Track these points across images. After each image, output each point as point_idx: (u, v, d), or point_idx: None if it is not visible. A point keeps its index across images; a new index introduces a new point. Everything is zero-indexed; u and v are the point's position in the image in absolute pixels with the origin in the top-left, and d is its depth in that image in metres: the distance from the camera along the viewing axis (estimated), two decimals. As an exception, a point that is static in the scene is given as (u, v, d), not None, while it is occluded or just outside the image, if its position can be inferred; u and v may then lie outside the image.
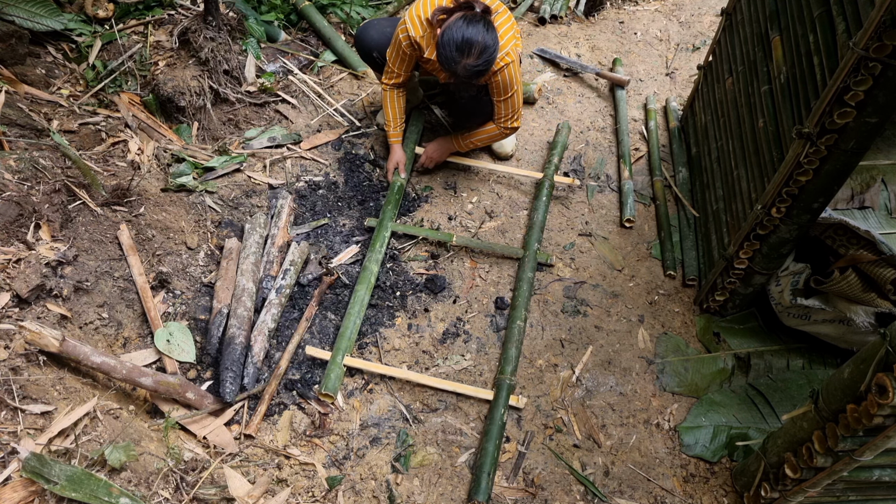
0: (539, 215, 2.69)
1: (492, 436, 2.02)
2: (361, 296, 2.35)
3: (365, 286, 2.37)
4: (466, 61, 2.20)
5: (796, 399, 2.18)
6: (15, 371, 1.73)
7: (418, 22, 2.40)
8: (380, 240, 2.53)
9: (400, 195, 2.71)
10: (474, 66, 2.22)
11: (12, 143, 2.29)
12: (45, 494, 1.54)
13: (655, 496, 2.02)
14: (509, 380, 2.17)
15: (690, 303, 2.52)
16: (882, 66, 1.46)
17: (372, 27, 2.76)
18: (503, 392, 2.13)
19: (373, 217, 2.68)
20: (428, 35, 2.41)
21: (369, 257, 2.46)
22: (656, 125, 3.15)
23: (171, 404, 2.02)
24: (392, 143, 2.77)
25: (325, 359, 2.20)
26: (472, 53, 2.19)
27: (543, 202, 2.74)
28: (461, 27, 2.18)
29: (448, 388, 2.18)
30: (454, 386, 2.18)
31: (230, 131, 2.94)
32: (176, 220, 2.48)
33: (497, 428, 2.05)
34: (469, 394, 2.17)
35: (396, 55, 2.53)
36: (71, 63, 2.85)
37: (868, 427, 1.37)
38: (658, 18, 3.91)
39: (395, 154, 2.77)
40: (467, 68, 2.22)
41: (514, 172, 2.90)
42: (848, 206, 2.45)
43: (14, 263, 1.96)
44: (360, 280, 2.39)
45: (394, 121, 2.73)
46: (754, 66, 2.21)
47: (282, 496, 1.85)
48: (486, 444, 2.01)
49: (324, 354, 2.21)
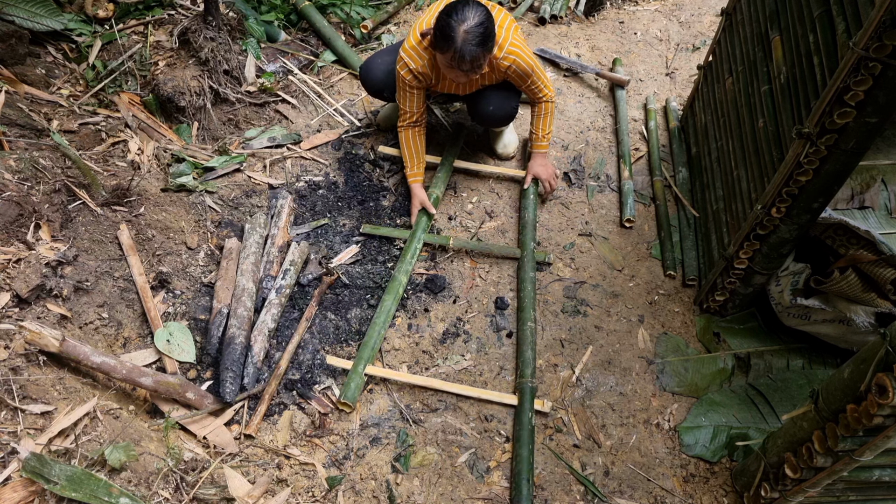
0: (529, 214, 2.68)
1: (524, 441, 2.02)
2: (388, 307, 2.33)
3: (392, 297, 2.35)
4: (465, 26, 2.09)
5: (796, 399, 2.18)
6: (15, 371, 1.73)
7: (415, 53, 2.36)
8: (411, 251, 2.50)
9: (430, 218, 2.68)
10: (475, 27, 2.10)
11: (12, 143, 2.29)
12: (45, 494, 1.54)
13: (655, 496, 2.02)
14: (531, 383, 2.17)
15: (690, 303, 2.52)
16: (882, 66, 1.46)
17: (375, 66, 2.68)
18: (527, 396, 2.13)
19: (369, 224, 2.64)
20: (428, 61, 2.38)
21: (399, 268, 2.44)
22: (656, 125, 3.15)
23: (171, 404, 2.02)
24: (412, 185, 2.65)
25: (346, 367, 2.18)
26: (465, 15, 2.09)
27: (532, 200, 2.73)
28: (446, 5, 2.17)
29: (472, 394, 2.17)
30: (478, 392, 2.17)
31: (230, 131, 2.94)
32: (176, 220, 2.48)
33: (528, 433, 2.05)
34: (494, 399, 2.17)
35: (405, 95, 2.49)
36: (71, 63, 2.86)
37: (868, 427, 1.37)
38: (658, 18, 3.91)
39: (416, 196, 2.64)
40: (468, 34, 2.09)
41: (500, 172, 2.89)
42: (848, 206, 2.45)
43: (14, 263, 1.96)
44: (389, 290, 2.38)
45: (412, 160, 2.64)
46: (754, 66, 2.21)
47: (282, 496, 1.85)
48: (520, 449, 2.01)
49: (345, 364, 2.19)
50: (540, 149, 2.74)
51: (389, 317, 2.31)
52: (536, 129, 2.70)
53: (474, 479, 2.02)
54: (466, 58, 2.15)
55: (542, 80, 2.54)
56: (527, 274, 2.47)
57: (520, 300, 2.43)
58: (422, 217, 2.62)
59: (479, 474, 2.03)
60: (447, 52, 2.16)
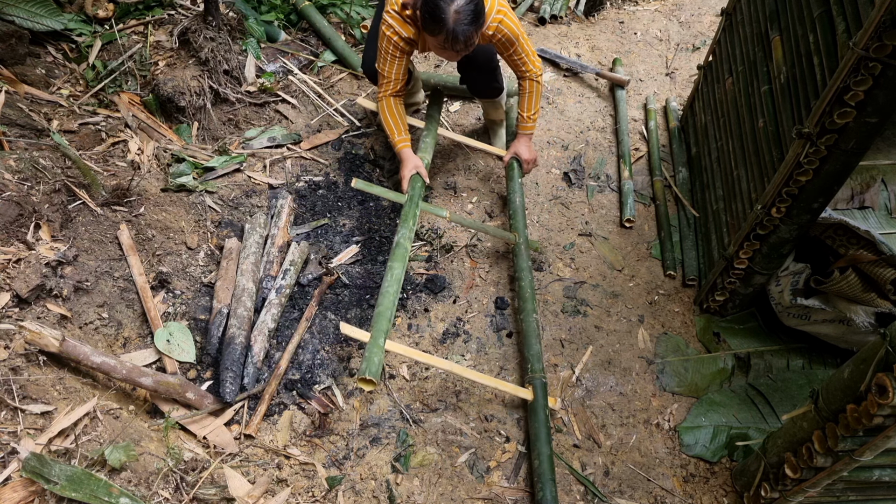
0: (518, 198, 2.62)
1: (543, 438, 1.97)
2: (398, 273, 2.09)
3: (401, 264, 2.12)
4: (455, 6, 2.00)
5: (796, 399, 2.18)
6: (15, 371, 1.73)
7: (401, 19, 2.25)
8: (411, 216, 2.30)
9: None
10: (465, 5, 2.01)
11: (12, 143, 2.29)
12: (45, 494, 1.54)
13: (655, 496, 2.02)
14: (542, 377, 2.11)
15: (690, 303, 2.52)
16: (882, 66, 1.46)
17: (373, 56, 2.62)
18: (540, 391, 2.07)
19: (360, 180, 2.40)
20: (414, 31, 2.27)
21: (402, 234, 2.23)
22: (656, 125, 3.15)
23: (171, 404, 2.02)
24: (401, 150, 2.48)
25: (363, 340, 1.96)
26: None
27: (518, 185, 2.66)
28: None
29: (488, 383, 2.07)
30: (495, 382, 2.08)
31: (230, 131, 2.94)
32: (176, 220, 2.48)
33: (545, 430, 1.98)
34: (508, 391, 2.09)
35: (390, 60, 2.35)
36: (71, 63, 2.85)
37: (868, 427, 1.37)
38: (658, 18, 3.91)
39: (408, 161, 2.46)
40: (459, 14, 2.01)
41: (481, 147, 2.81)
42: (848, 206, 2.45)
43: (14, 263, 1.96)
44: (395, 257, 2.14)
45: (398, 127, 2.49)
46: (754, 66, 2.21)
47: (282, 496, 1.85)
48: (540, 448, 1.95)
49: (362, 335, 1.96)
50: (525, 129, 2.63)
51: (400, 285, 2.09)
52: (522, 109, 2.57)
53: (474, 479, 2.02)
54: (460, 38, 2.06)
55: (527, 51, 2.39)
56: (524, 263, 2.41)
57: (520, 290, 2.35)
58: (416, 182, 2.44)
59: (479, 474, 2.03)
60: (439, 35, 2.08)
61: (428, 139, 2.67)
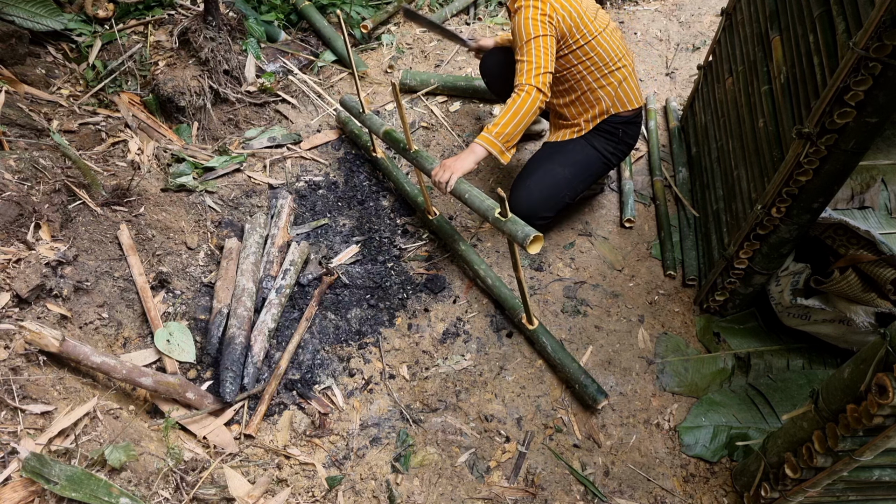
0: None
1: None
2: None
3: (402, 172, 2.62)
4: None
5: (796, 399, 2.17)
6: (15, 371, 1.73)
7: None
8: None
9: None
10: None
11: (12, 143, 2.29)
12: (45, 494, 1.54)
13: (655, 496, 2.02)
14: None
15: (690, 303, 2.52)
16: (882, 66, 1.46)
17: (488, 59, 2.69)
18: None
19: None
20: None
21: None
22: (656, 125, 3.15)
23: (171, 404, 2.02)
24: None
25: None
26: None
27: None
28: None
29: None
30: None
31: (230, 131, 2.94)
32: (176, 220, 2.48)
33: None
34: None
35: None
36: (71, 63, 2.86)
37: (868, 427, 1.37)
38: (658, 18, 3.90)
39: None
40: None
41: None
42: (848, 206, 2.45)
43: (14, 263, 1.96)
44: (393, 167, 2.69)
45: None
46: (754, 66, 2.21)
47: (282, 496, 1.85)
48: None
49: None
50: (480, 141, 2.17)
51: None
52: (496, 118, 2.18)
53: (474, 479, 2.02)
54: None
55: (528, 60, 2.13)
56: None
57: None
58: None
59: (479, 474, 2.03)
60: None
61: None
